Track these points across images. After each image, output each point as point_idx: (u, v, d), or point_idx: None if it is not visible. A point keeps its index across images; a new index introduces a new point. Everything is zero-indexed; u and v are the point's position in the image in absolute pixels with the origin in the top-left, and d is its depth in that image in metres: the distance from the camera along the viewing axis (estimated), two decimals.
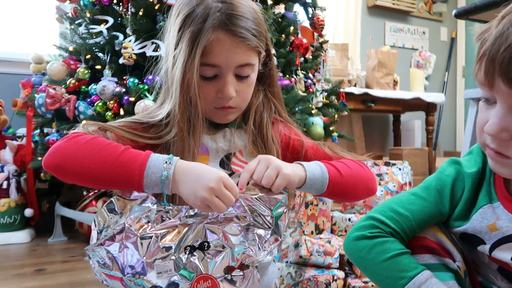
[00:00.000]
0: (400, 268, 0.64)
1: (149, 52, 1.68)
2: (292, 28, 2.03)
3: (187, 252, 0.65)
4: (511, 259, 0.65)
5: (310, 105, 2.02)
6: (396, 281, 0.64)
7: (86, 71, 1.81)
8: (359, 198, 0.88)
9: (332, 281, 1.18)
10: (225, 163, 0.82)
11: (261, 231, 0.68)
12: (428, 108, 3.51)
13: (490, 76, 0.56)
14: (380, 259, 0.66)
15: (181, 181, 0.67)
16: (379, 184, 1.59)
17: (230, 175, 0.81)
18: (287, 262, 1.29)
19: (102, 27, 1.82)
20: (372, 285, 1.18)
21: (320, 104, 2.15)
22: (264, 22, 0.81)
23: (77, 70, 1.81)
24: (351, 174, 0.79)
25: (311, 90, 2.11)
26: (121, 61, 1.73)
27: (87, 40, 1.84)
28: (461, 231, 0.69)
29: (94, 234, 0.68)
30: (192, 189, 0.66)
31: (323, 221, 1.54)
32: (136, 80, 1.71)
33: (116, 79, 1.74)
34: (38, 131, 2.04)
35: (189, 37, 0.73)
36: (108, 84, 1.70)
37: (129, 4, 1.77)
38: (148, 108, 1.13)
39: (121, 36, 1.78)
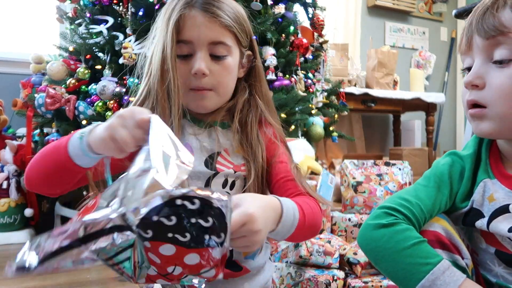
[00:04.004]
0: (424, 255, 0.65)
1: (150, 52, 1.68)
2: (292, 28, 2.03)
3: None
4: (508, 231, 0.66)
5: (310, 105, 2.03)
6: (420, 267, 0.64)
7: (86, 71, 1.81)
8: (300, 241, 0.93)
9: (332, 281, 1.18)
10: (209, 163, 0.81)
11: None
12: (428, 108, 3.52)
13: (469, 35, 0.68)
14: (401, 247, 0.66)
15: (99, 130, 0.63)
16: (379, 184, 1.59)
17: (214, 174, 0.81)
18: (287, 262, 1.29)
19: (102, 27, 1.82)
20: (372, 286, 1.18)
21: (320, 104, 2.15)
22: (246, 19, 0.84)
23: (77, 70, 1.82)
24: (309, 225, 0.73)
25: (311, 90, 2.11)
26: (121, 61, 1.73)
27: (87, 40, 1.84)
28: (468, 209, 0.73)
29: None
30: (105, 125, 0.62)
31: (323, 221, 1.54)
32: (136, 80, 1.71)
33: (116, 79, 1.74)
34: (38, 131, 2.04)
35: (165, 16, 0.79)
36: (108, 84, 1.71)
37: (129, 4, 1.78)
38: None
39: (121, 36, 1.78)
